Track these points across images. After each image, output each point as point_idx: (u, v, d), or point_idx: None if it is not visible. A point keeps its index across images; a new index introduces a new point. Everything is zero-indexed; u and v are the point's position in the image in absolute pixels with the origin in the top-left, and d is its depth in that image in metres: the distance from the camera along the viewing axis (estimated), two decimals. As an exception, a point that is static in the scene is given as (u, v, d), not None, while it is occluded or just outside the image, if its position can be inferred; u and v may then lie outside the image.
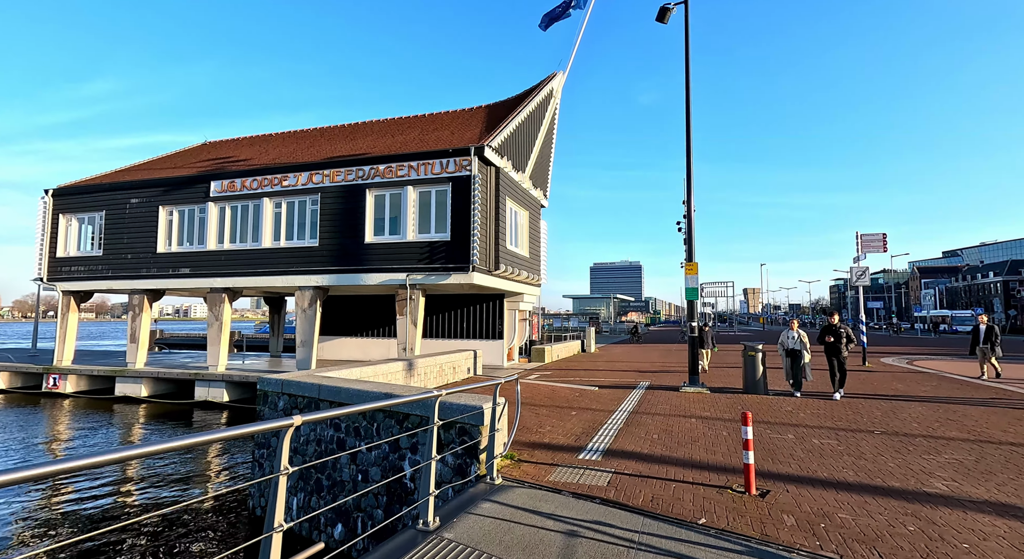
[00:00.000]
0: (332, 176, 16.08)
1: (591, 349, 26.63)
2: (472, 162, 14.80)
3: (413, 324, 15.19)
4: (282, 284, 16.25)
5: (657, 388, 11.76)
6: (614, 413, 8.58)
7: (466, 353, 13.53)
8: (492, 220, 15.70)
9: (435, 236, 15.24)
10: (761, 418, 8.07)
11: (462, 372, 13.37)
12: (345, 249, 15.77)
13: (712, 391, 11.20)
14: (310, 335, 16.06)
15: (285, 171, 16.52)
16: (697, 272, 11.76)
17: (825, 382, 11.68)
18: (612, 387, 11.95)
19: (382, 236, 15.72)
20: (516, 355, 20.99)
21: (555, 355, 21.76)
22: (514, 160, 17.17)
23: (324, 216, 16.05)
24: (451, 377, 12.66)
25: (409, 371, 10.44)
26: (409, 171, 15.42)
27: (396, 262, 15.26)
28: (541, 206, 21.02)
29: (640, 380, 13.37)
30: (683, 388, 11.41)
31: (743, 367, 11.10)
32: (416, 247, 15.21)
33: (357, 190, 15.83)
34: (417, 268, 15.10)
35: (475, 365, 13.88)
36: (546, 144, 20.13)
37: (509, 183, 16.72)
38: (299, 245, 16.31)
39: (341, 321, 20.95)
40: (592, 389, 11.61)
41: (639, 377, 14.26)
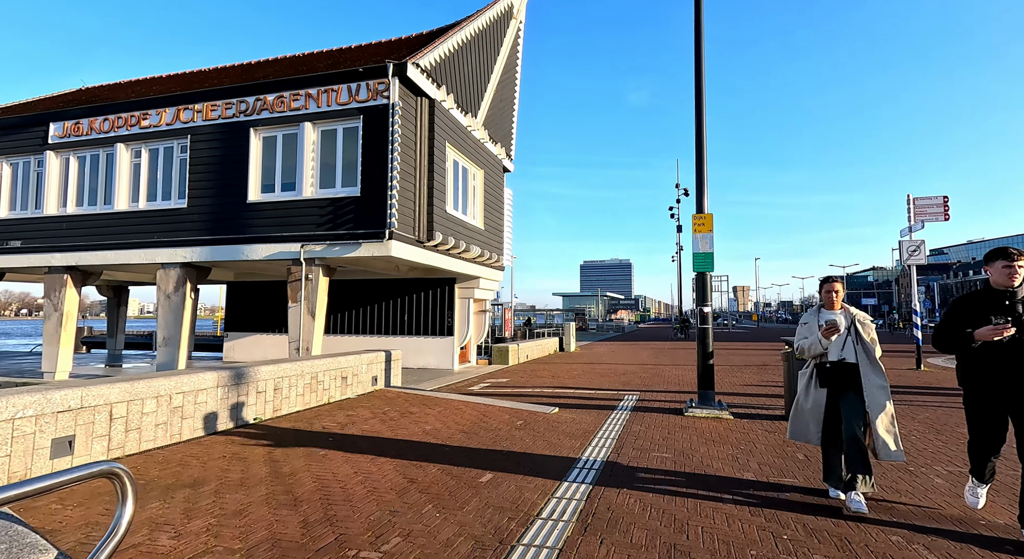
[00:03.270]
0: (206, 111, 11.73)
1: (571, 348, 22.52)
2: (391, 86, 10.54)
3: (310, 314, 10.92)
4: (139, 260, 11.89)
5: (650, 408, 7.61)
6: (563, 483, 4.36)
7: (371, 355, 9.31)
8: (424, 172, 11.46)
9: (341, 191, 10.96)
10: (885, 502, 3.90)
11: (362, 382, 9.13)
12: (222, 212, 11.46)
13: (738, 417, 7.05)
14: (176, 330, 11.72)
15: (145, 107, 12.14)
16: (712, 229, 7.61)
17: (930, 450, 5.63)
18: (581, 406, 7.80)
19: (271, 193, 11.42)
20: (473, 355, 16.80)
21: (523, 355, 17.62)
22: (459, 96, 12.93)
23: (195, 167, 11.71)
24: (339, 392, 8.43)
25: (236, 385, 6.21)
26: (307, 101, 11.13)
27: (290, 228, 10.98)
28: (504, 169, 16.80)
29: (624, 392, 9.23)
30: (690, 409, 7.27)
31: (785, 376, 7.00)
32: (316, 207, 10.94)
33: (238, 130, 11.51)
34: (316, 236, 10.83)
35: (387, 372, 9.68)
36: (506, 85, 15.88)
37: (452, 126, 12.50)
38: (162, 207, 11.95)
39: (256, 313, 16.61)
40: (548, 411, 7.42)
41: (623, 386, 10.14)
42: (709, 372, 7.43)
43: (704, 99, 7.76)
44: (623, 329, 55.95)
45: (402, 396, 8.55)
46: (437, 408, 7.55)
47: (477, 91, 13.95)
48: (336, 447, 5.26)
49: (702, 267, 7.57)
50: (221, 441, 5.45)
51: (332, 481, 4.17)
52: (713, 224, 7.57)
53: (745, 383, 10.87)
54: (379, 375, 9.45)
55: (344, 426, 6.24)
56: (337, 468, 4.52)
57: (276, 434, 5.78)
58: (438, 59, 11.61)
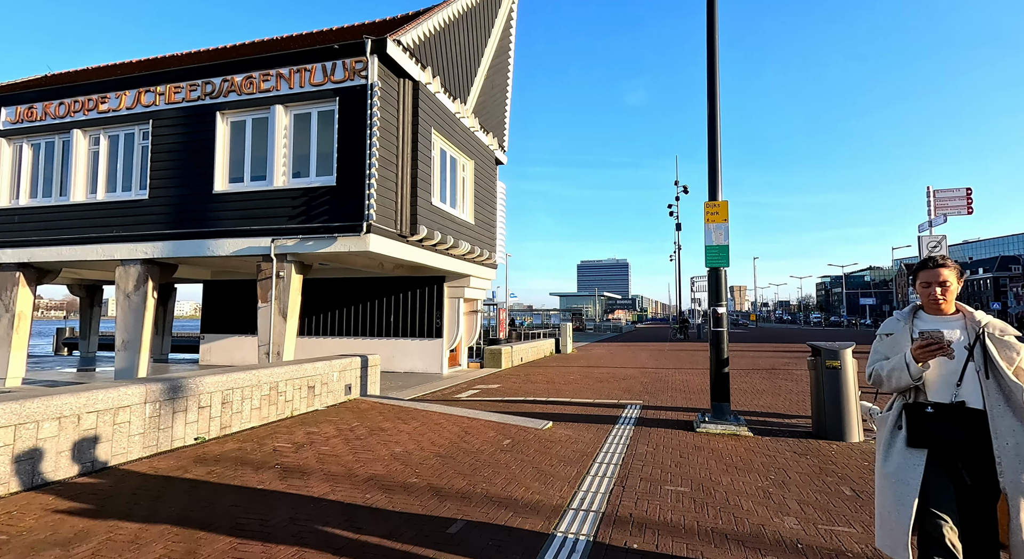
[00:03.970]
0: (168, 94, 10.75)
1: (567, 349, 21.62)
2: (370, 65, 9.59)
3: (282, 315, 9.96)
4: (97, 256, 10.90)
5: (656, 421, 6.69)
6: (555, 535, 3.42)
7: (344, 361, 8.35)
8: (407, 160, 10.52)
9: (315, 181, 10.00)
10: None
11: (333, 392, 8.18)
12: (187, 204, 10.48)
13: (757, 433, 6.14)
14: (137, 332, 10.74)
15: (103, 90, 11.14)
16: (727, 218, 6.70)
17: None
18: (578, 418, 6.87)
19: (240, 183, 10.45)
20: (463, 358, 15.87)
21: (517, 358, 16.69)
22: (446, 79, 11.99)
23: (158, 155, 10.73)
24: (304, 403, 7.48)
25: (172, 400, 5.26)
26: (278, 82, 10.16)
27: (259, 220, 10.02)
28: (497, 161, 15.87)
29: (626, 401, 8.31)
30: (702, 425, 6.35)
31: (813, 387, 6.10)
32: (288, 198, 9.98)
33: (204, 114, 10.53)
34: (288, 230, 9.87)
35: (363, 379, 8.73)
36: (498, 70, 14.94)
37: (438, 112, 11.56)
38: (122, 199, 10.97)
39: (235, 313, 15.62)
40: (540, 427, 6.49)
41: (624, 393, 9.23)
42: (724, 382, 6.52)
43: (717, 71, 6.84)
44: (620, 329, 55.13)
45: (377, 408, 7.61)
46: (414, 423, 6.61)
47: (466, 75, 13.00)
48: (280, 477, 4.32)
49: (716, 261, 6.66)
50: (142, 470, 4.50)
51: (256, 531, 3.24)
52: (728, 213, 6.65)
53: (756, 389, 9.97)
54: (354, 383, 8.51)
55: (299, 448, 5.30)
56: (269, 511, 3.59)
57: (213, 459, 4.84)
58: (422, 37, 10.66)
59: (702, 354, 19.88)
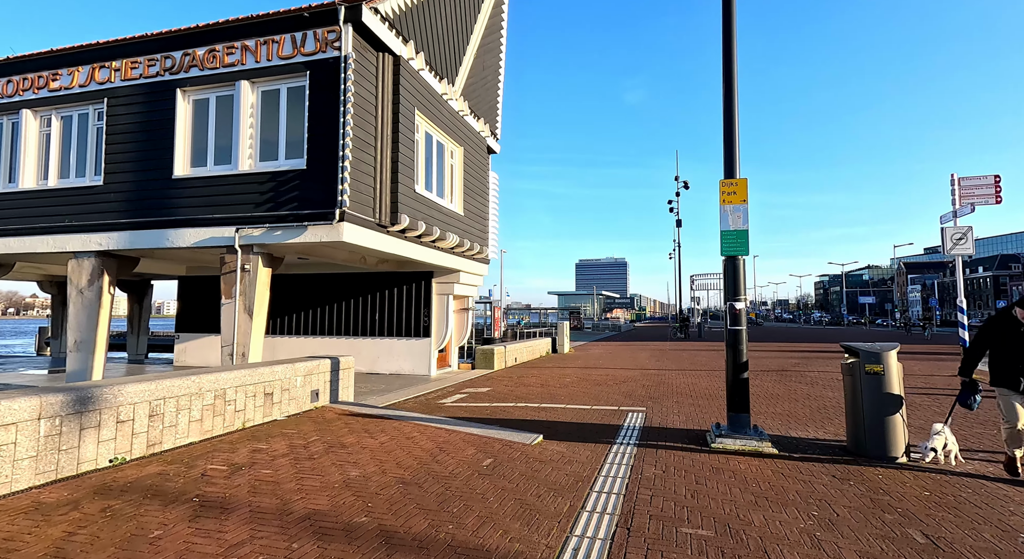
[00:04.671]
0: (125, 70, 9.79)
1: (564, 349, 20.70)
2: (343, 36, 8.64)
3: (247, 312, 9.02)
4: (47, 248, 9.94)
5: (662, 433, 5.75)
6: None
7: (310, 364, 7.41)
8: (387, 142, 9.57)
9: (284, 164, 9.06)
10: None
11: (296, 399, 7.25)
12: (144, 190, 9.53)
13: (784, 451, 5.21)
14: (91, 332, 9.79)
15: (54, 66, 10.18)
16: (746, 199, 5.78)
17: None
18: (573, 429, 5.93)
19: (203, 167, 9.50)
20: (454, 359, 14.94)
21: (511, 358, 15.77)
22: (432, 56, 11.03)
23: (113, 137, 9.77)
24: (260, 413, 6.55)
25: (78, 414, 4.33)
26: (244, 55, 9.21)
27: (223, 208, 9.08)
28: (489, 150, 14.92)
29: (627, 408, 7.39)
30: (718, 439, 5.44)
31: (849, 396, 5.18)
32: (255, 183, 9.03)
33: (163, 91, 9.57)
34: (254, 218, 8.92)
35: (333, 384, 7.79)
36: (489, 51, 13.97)
37: (423, 91, 10.61)
38: (76, 185, 10.00)
39: (211, 311, 14.62)
40: (529, 441, 5.56)
41: (625, 398, 8.30)
42: (742, 389, 5.59)
43: (734, 28, 5.92)
44: (619, 328, 54.23)
45: (344, 418, 6.68)
46: (383, 437, 5.68)
47: (454, 53, 12.05)
48: (191, 517, 3.39)
49: (733, 249, 5.73)
50: (19, 506, 3.57)
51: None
52: (747, 192, 5.73)
53: (770, 394, 9.07)
54: (322, 388, 7.57)
55: (235, 472, 4.37)
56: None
57: (120, 489, 3.91)
58: (403, 7, 9.71)
59: (705, 354, 18.98)
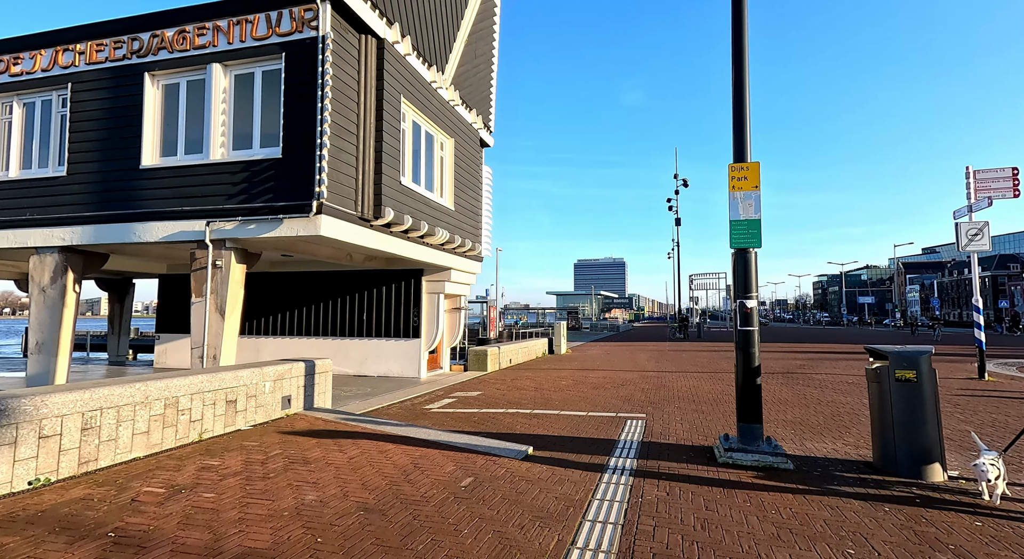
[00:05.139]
0: (90, 53, 9.17)
1: (561, 350, 20.12)
2: (321, 14, 8.04)
3: (219, 312, 8.41)
4: (8, 244, 9.32)
5: (665, 448, 5.16)
6: None
7: (280, 368, 6.81)
8: (371, 131, 8.97)
9: (258, 152, 8.45)
10: None
11: (264, 406, 6.65)
12: (111, 181, 8.91)
13: (802, 468, 4.62)
14: (53, 333, 9.17)
15: (16, 49, 9.56)
16: (759, 184, 5.20)
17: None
18: (566, 441, 5.33)
19: (172, 156, 8.89)
20: (446, 360, 14.36)
21: (505, 360, 15.19)
22: (419, 40, 10.43)
23: (78, 125, 9.16)
24: (220, 423, 5.95)
25: None
26: (216, 36, 8.60)
27: (193, 200, 8.47)
28: (482, 143, 14.32)
29: (625, 416, 6.80)
30: (728, 454, 4.85)
31: (876, 405, 4.59)
32: (227, 174, 8.43)
33: (131, 76, 8.96)
34: (226, 211, 8.32)
35: (307, 389, 7.17)
36: (481, 38, 13.37)
37: (410, 78, 10.02)
38: (38, 176, 9.38)
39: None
40: (515, 456, 4.96)
41: (623, 404, 7.72)
42: (754, 397, 5.00)
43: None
44: (617, 328, 53.69)
45: (316, 427, 6.08)
46: (353, 450, 5.09)
47: (443, 38, 11.45)
48: (97, 558, 2.79)
49: (744, 240, 5.15)
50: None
51: None
52: (760, 178, 5.15)
53: (778, 399, 8.49)
54: (295, 394, 6.96)
55: (173, 495, 3.77)
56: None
57: (26, 521, 3.31)
58: (387, -15, 9.11)
59: (705, 355, 18.42)
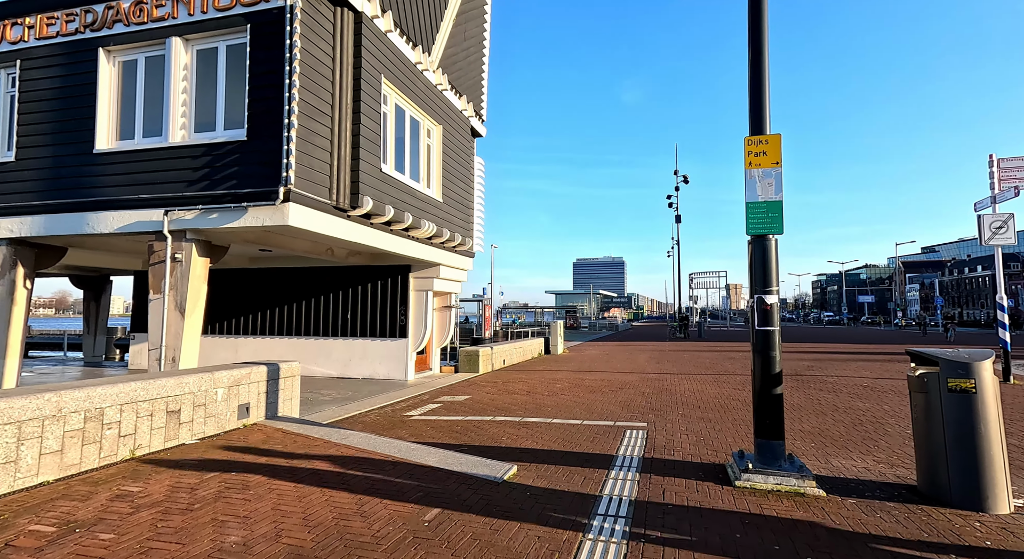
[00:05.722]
0: (40, 27, 8.41)
1: (558, 350, 19.40)
2: (290, -19, 7.29)
3: (179, 310, 7.66)
4: (-48, 235, 8.58)
5: (669, 465, 4.40)
6: None
7: (235, 372, 6.07)
8: (347, 112, 8.22)
9: (222, 135, 7.70)
10: None
11: (216, 416, 5.91)
12: (63, 167, 8.16)
13: (834, 493, 3.88)
14: (1, 334, 8.41)
15: (-38, 23, 8.81)
16: (780, 161, 4.46)
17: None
18: (557, 456, 4.57)
19: (130, 140, 8.14)
20: (435, 361, 13.63)
21: (498, 361, 14.46)
22: (402, 17, 9.67)
23: (28, 105, 8.41)
24: (159, 438, 5.20)
25: None
26: (175, 7, 7.84)
27: (151, 186, 7.72)
28: (473, 132, 13.56)
29: (624, 425, 6.06)
30: (745, 475, 4.11)
31: (922, 420, 3.86)
32: (188, 158, 7.67)
33: (84, 51, 8.21)
34: (185, 199, 7.57)
35: (270, 396, 6.41)
36: (471, 18, 12.60)
37: (392, 57, 9.27)
38: (-15, 162, 8.64)
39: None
40: (495, 477, 4.23)
41: (622, 410, 6.99)
42: (775, 408, 4.27)
43: (766, -59, 4.60)
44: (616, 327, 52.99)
45: (271, 442, 5.34)
46: (305, 471, 4.35)
47: (429, 15, 10.69)
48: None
49: (763, 226, 4.41)
50: None
51: None
52: (781, 152, 4.41)
53: (791, 405, 7.76)
54: (255, 401, 6.21)
55: (62, 536, 3.03)
56: None
57: None
58: (364, -47, 8.36)
59: (707, 356, 17.70)
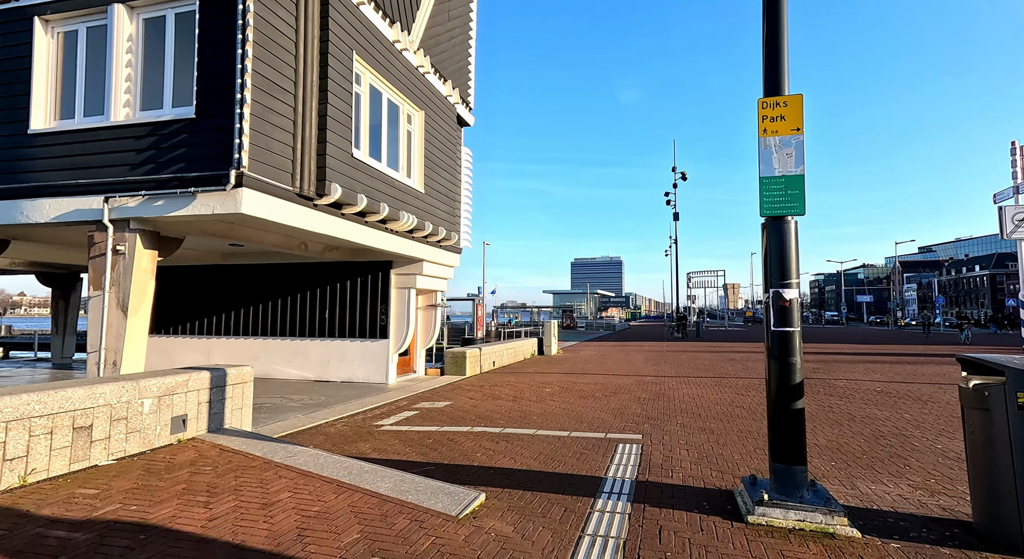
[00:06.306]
0: (-28, -5, 7.63)
1: (551, 350, 18.65)
2: (243, -60, 6.50)
3: (121, 309, 6.88)
4: None
5: (666, 489, 3.63)
6: None
7: (170, 380, 5.27)
8: (311, 90, 7.44)
9: (169, 112, 6.92)
10: None
11: (141, 431, 5.13)
12: (-4, 150, 7.37)
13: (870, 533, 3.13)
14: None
15: None
16: (801, 126, 3.68)
17: None
18: (535, 478, 3.80)
19: (70, 120, 7.35)
20: (420, 363, 12.86)
21: (488, 362, 13.72)
22: (379, -7, 8.89)
23: (-40, 82, 7.61)
24: (64, 459, 4.42)
25: None
26: (117, -28, 7.06)
27: (91, 170, 6.93)
28: (460, 120, 12.78)
29: (616, 437, 5.28)
30: (760, 508, 3.32)
31: (973, 442, 3.11)
32: (132, 139, 6.89)
33: (19, 21, 7.42)
34: (128, 184, 6.78)
35: (213, 406, 5.59)
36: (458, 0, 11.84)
37: (364, 33, 8.50)
38: (-87, 145, 7.83)
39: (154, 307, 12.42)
40: (456, 511, 3.46)
41: (615, 419, 6.23)
42: (794, 426, 3.51)
43: None
44: (614, 327, 52.31)
45: (200, 462, 4.55)
46: (224, 504, 3.57)
47: (409, -8, 9.91)
48: None
49: (780, 205, 3.64)
50: None
51: None
52: (803, 116, 3.65)
53: (802, 414, 7.01)
54: (195, 412, 5.43)
55: None
56: None
57: None
58: (330, -87, 7.57)
59: (707, 357, 16.96)
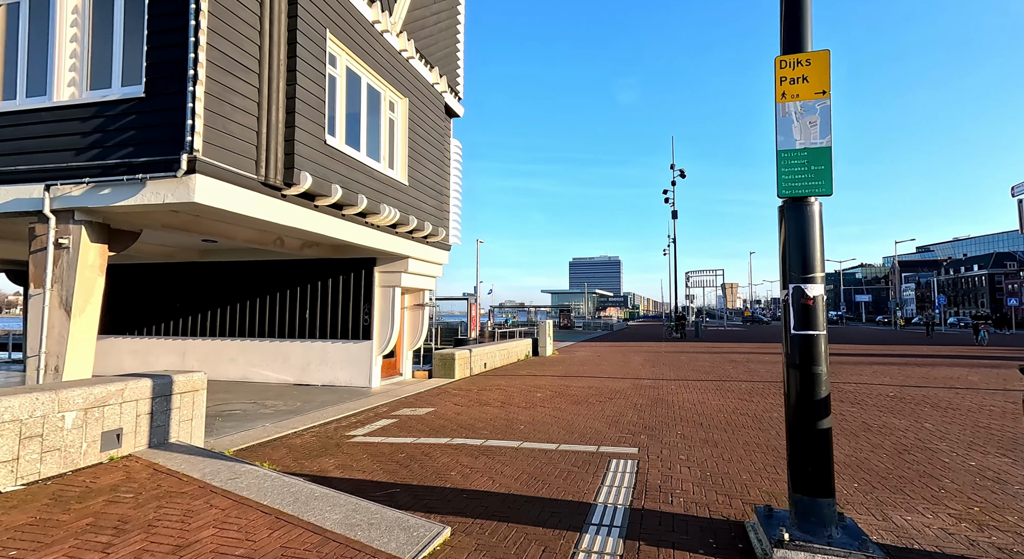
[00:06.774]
0: (-94, -35, 6.99)
1: (546, 351, 18.04)
2: (197, -100, 5.88)
3: (64, 308, 6.25)
4: None
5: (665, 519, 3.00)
6: None
7: (107, 388, 4.65)
8: (278, 69, 6.82)
9: (117, 92, 6.29)
10: None
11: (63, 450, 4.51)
12: (-67, 134, 6.73)
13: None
14: None
15: None
16: (828, 88, 3.05)
17: None
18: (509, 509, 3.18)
19: (12, 101, 6.72)
20: (407, 366, 12.24)
21: (478, 364, 13.12)
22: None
23: None
24: None
25: None
26: (61, -63, 6.43)
27: (32, 155, 6.31)
28: (449, 111, 12.15)
29: (609, 451, 4.65)
30: (777, 554, 2.71)
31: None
32: (76, 121, 6.26)
33: (-43, -6, 6.79)
34: (71, 171, 6.15)
35: (156, 418, 4.96)
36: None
37: (339, 8, 7.88)
38: None
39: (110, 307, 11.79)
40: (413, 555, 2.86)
41: (609, 429, 5.63)
42: (819, 449, 2.90)
43: None
44: (611, 327, 51.75)
45: (125, 487, 3.93)
46: (132, 544, 2.95)
47: (389, -31, 9.28)
48: None
49: (802, 184, 3.02)
50: None
51: None
52: (829, 78, 3.04)
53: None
54: (132, 426, 4.79)
55: None
56: None
57: None
58: None
59: (706, 358, 16.37)
